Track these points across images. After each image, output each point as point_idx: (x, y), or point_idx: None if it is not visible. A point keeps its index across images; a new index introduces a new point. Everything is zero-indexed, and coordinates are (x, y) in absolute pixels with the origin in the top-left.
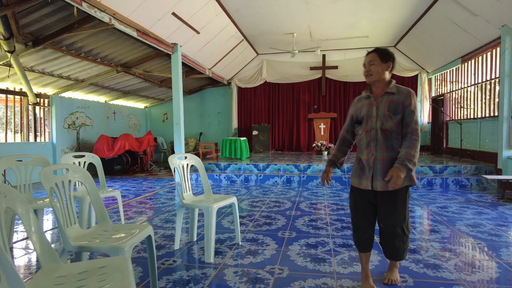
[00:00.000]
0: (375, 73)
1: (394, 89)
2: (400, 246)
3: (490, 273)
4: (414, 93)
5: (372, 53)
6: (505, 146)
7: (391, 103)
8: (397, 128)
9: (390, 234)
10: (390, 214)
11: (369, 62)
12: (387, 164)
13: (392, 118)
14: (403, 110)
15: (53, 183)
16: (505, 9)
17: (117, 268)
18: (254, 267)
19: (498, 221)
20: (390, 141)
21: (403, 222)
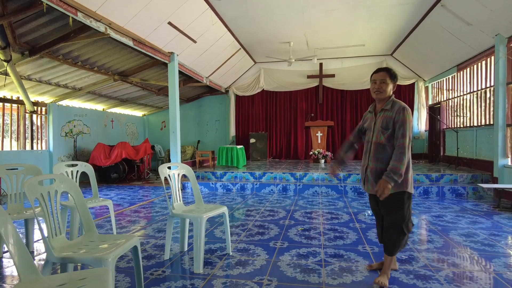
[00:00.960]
0: (385, 91)
1: (389, 105)
2: (397, 242)
3: (481, 284)
4: (407, 109)
5: (383, 71)
6: (500, 154)
7: (384, 119)
8: (389, 142)
9: (388, 231)
10: (387, 214)
11: (381, 80)
12: (375, 173)
13: (384, 133)
14: (393, 124)
15: (38, 193)
16: (498, 18)
17: (97, 280)
18: (243, 278)
19: (492, 231)
20: (381, 154)
21: (402, 222)
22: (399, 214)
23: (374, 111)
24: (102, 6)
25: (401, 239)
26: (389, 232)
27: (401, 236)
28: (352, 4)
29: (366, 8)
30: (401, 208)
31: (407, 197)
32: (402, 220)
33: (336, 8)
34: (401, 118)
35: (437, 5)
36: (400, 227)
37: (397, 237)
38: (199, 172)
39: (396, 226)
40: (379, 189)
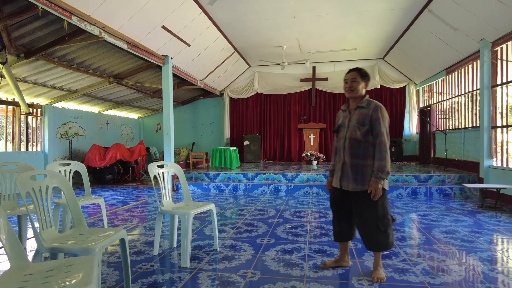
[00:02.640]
0: (356, 89)
1: (365, 103)
2: (376, 239)
3: (454, 277)
4: (382, 107)
5: (353, 71)
6: (486, 155)
7: (360, 116)
8: (364, 138)
9: (364, 229)
10: (362, 211)
11: (352, 79)
12: (352, 168)
13: (359, 129)
14: (371, 122)
15: (29, 188)
16: (482, 23)
17: (83, 266)
18: (228, 272)
19: (473, 228)
20: (356, 149)
21: (378, 219)
22: (374, 211)
23: (348, 109)
24: (97, 10)
25: (380, 236)
26: (366, 229)
27: (380, 233)
28: (343, 9)
29: (357, 13)
30: (375, 205)
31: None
32: (377, 217)
33: (327, 13)
34: (378, 116)
35: (424, 10)
36: (376, 224)
37: (377, 234)
38: (192, 173)
39: (373, 223)
40: (372, 191)
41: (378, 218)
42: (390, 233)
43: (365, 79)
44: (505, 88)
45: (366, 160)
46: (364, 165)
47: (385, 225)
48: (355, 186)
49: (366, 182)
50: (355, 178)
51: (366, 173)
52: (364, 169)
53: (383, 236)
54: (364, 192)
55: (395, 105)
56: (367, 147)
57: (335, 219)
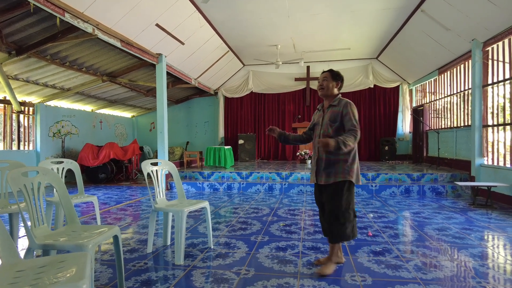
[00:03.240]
0: (326, 88)
1: (336, 101)
2: (334, 230)
3: (445, 272)
4: (351, 103)
5: (326, 72)
6: (477, 154)
7: (332, 114)
8: (336, 134)
9: (328, 218)
10: (328, 202)
11: (323, 78)
12: (327, 163)
13: (331, 125)
14: (342, 118)
15: (21, 184)
16: (473, 24)
17: (75, 262)
18: (222, 269)
19: (464, 225)
20: None
21: (339, 210)
22: (338, 202)
23: (323, 109)
24: (90, 7)
25: (340, 227)
26: (328, 220)
27: (337, 224)
28: (336, 9)
29: (351, 12)
30: (340, 197)
31: (347, 187)
32: (339, 208)
33: (320, 12)
34: (348, 111)
35: (417, 10)
36: (336, 214)
37: (335, 224)
38: (186, 172)
39: (333, 214)
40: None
41: (340, 210)
42: (348, 226)
43: (336, 79)
44: (496, 87)
45: (339, 155)
46: (337, 160)
47: (345, 218)
48: (326, 179)
49: (337, 175)
50: (327, 171)
51: (338, 166)
52: (336, 164)
53: (341, 227)
54: (332, 184)
55: (388, 105)
56: None
57: (321, 215)
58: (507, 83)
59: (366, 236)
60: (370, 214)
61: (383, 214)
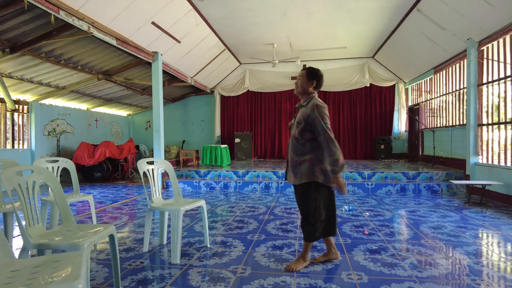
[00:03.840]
0: (300, 86)
1: (306, 102)
2: (304, 229)
3: (440, 270)
4: (319, 105)
5: (303, 70)
6: (472, 153)
7: (301, 114)
8: (301, 136)
9: (301, 218)
10: (298, 202)
11: (298, 77)
12: (293, 163)
13: (298, 127)
14: (310, 121)
15: (15, 183)
16: (469, 23)
17: (71, 262)
18: (218, 268)
19: (459, 223)
20: (296, 146)
21: (308, 211)
22: (305, 203)
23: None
24: (85, 5)
25: (310, 228)
26: (301, 221)
27: (307, 224)
28: (332, 8)
29: (347, 11)
30: (308, 198)
31: (314, 188)
32: (308, 209)
33: (317, 11)
34: (316, 115)
35: (413, 9)
36: (305, 215)
37: (305, 224)
38: (182, 171)
39: (303, 214)
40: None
41: (309, 210)
42: (318, 227)
43: (311, 78)
44: (490, 87)
45: (304, 156)
46: (302, 161)
47: (314, 219)
48: (294, 179)
49: (302, 176)
50: (294, 172)
51: (303, 167)
52: (301, 165)
53: (311, 227)
54: (300, 185)
55: (384, 104)
56: (303, 144)
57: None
58: (501, 82)
59: (362, 234)
60: (366, 213)
61: (379, 212)
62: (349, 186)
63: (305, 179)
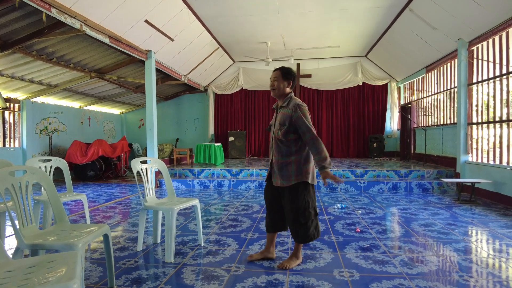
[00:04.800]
0: (277, 88)
1: (286, 102)
2: (296, 230)
3: (430, 267)
4: (301, 105)
5: (276, 71)
6: (462, 151)
7: (282, 116)
8: (285, 138)
9: (289, 219)
10: (287, 204)
11: (274, 78)
12: (279, 166)
13: (280, 129)
14: (294, 122)
15: (8, 184)
16: (460, 23)
17: (66, 262)
18: (212, 266)
19: (449, 221)
20: (280, 148)
21: (298, 211)
22: (296, 204)
23: (277, 108)
24: (77, 3)
25: (300, 228)
26: (290, 222)
27: (297, 224)
28: (325, 7)
29: (340, 10)
30: (297, 198)
31: (303, 187)
32: (298, 209)
33: (310, 10)
34: (299, 115)
35: (405, 9)
36: (296, 216)
37: (296, 225)
38: (176, 170)
39: (293, 215)
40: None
41: (299, 211)
42: (310, 226)
43: (287, 78)
44: (480, 86)
45: (290, 157)
46: (288, 162)
47: (305, 218)
48: (281, 181)
49: (291, 178)
50: (281, 174)
51: (291, 169)
52: (288, 166)
53: (302, 228)
54: (288, 187)
55: (377, 102)
56: (288, 145)
57: (268, 210)
58: (491, 82)
59: (354, 232)
60: (358, 211)
61: (371, 210)
62: (341, 184)
63: (294, 180)
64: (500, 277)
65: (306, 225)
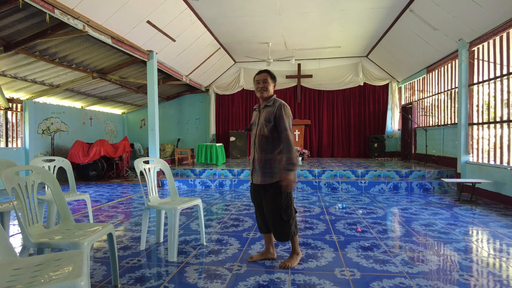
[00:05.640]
0: (267, 89)
1: (271, 102)
2: (279, 229)
3: (430, 266)
4: (285, 106)
5: (264, 73)
6: (463, 151)
7: (267, 114)
8: (271, 134)
9: (270, 219)
10: (268, 202)
11: (263, 80)
12: (262, 163)
13: (267, 125)
14: (275, 119)
15: (15, 183)
16: (460, 24)
17: (72, 260)
18: (215, 265)
19: (450, 221)
20: (265, 145)
21: (280, 209)
22: (278, 202)
23: (259, 108)
24: (80, 4)
25: (284, 225)
26: (272, 220)
27: (280, 222)
28: (327, 7)
29: (341, 11)
30: (280, 196)
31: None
32: (280, 207)
33: (311, 10)
34: (281, 113)
35: (406, 10)
36: (278, 213)
37: (279, 223)
38: (178, 170)
39: (275, 213)
40: (284, 184)
41: (282, 208)
42: (292, 223)
43: (274, 80)
44: (481, 86)
45: (273, 154)
46: (272, 159)
47: (287, 215)
48: (263, 179)
49: (274, 175)
50: (264, 171)
51: (274, 166)
52: (272, 163)
53: (285, 225)
54: (271, 184)
55: (378, 102)
56: (273, 142)
57: (257, 212)
58: (491, 83)
59: (355, 232)
60: (359, 211)
61: (372, 210)
62: (342, 184)
63: (277, 177)
64: (500, 276)
65: (289, 222)
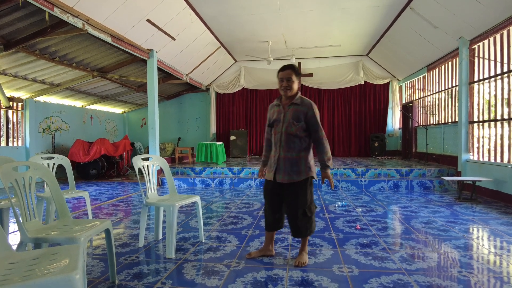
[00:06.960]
0: (292, 88)
1: (298, 100)
2: (301, 226)
3: (429, 263)
4: (314, 105)
5: (289, 69)
6: (463, 150)
7: (295, 112)
8: (300, 133)
9: (293, 216)
10: (292, 200)
11: (287, 78)
12: (287, 161)
13: (295, 124)
14: (307, 119)
15: (12, 179)
16: (460, 22)
17: (68, 254)
18: (213, 262)
19: (449, 219)
20: (292, 143)
21: (305, 205)
22: (304, 198)
23: (282, 105)
24: (80, 2)
25: (307, 221)
26: (296, 217)
27: (305, 218)
28: (327, 6)
29: (341, 9)
30: (305, 193)
31: (310, 182)
32: (305, 204)
33: (311, 9)
34: (314, 113)
35: (406, 8)
36: (304, 210)
37: (304, 220)
38: (178, 168)
39: (301, 210)
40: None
41: (307, 204)
42: (314, 219)
43: (299, 77)
44: (482, 84)
45: (300, 152)
46: (299, 157)
47: (311, 211)
48: (292, 177)
49: (301, 173)
50: (291, 170)
51: (301, 164)
52: (299, 161)
53: (309, 221)
54: (298, 182)
55: (378, 101)
56: (301, 141)
57: (270, 209)
58: (492, 81)
59: (355, 229)
60: (359, 209)
61: (372, 208)
62: (342, 182)
63: (304, 175)
64: (500, 273)
65: (311, 218)
